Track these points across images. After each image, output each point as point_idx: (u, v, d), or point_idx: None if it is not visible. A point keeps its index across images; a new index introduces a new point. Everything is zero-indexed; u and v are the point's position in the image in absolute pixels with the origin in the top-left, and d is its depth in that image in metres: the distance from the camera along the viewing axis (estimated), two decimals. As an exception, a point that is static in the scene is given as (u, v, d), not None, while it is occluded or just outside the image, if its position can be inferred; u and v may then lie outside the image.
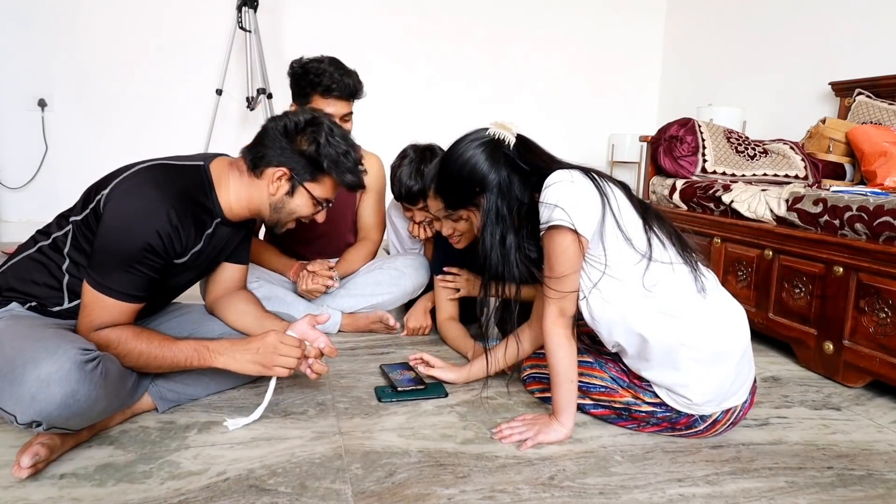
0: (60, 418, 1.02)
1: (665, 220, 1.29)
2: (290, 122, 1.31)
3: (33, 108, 3.43)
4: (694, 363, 1.19)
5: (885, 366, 1.53)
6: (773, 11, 3.40)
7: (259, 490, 1.06)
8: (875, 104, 2.54)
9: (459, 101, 3.97)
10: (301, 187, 1.33)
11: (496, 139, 1.28)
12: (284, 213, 1.36)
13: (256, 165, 1.31)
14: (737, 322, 1.25)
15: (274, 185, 1.31)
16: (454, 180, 1.32)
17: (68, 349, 1.02)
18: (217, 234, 1.35)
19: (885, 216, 1.55)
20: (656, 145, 2.54)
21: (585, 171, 1.25)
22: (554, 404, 1.28)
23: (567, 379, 1.25)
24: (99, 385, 1.05)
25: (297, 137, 1.31)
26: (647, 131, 3.52)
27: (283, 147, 1.30)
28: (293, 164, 1.31)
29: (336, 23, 3.78)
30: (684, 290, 1.22)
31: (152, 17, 3.50)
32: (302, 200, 1.35)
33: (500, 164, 1.26)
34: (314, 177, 1.33)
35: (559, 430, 1.27)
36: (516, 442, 1.26)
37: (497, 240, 1.25)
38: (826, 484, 1.15)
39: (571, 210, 1.16)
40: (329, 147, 1.31)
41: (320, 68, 1.81)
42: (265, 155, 1.30)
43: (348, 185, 1.36)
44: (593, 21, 4.23)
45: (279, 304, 1.86)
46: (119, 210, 1.17)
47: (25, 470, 1.05)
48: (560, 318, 1.24)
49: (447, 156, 1.34)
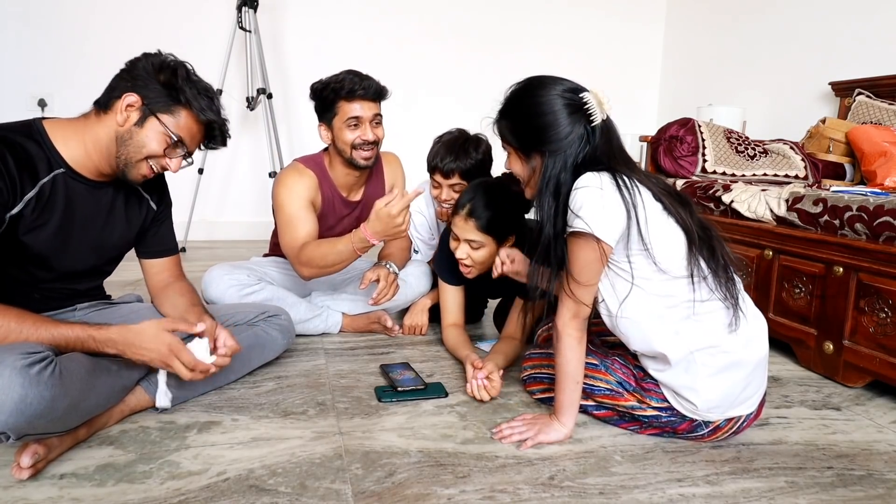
0: (20, 425, 0.99)
1: (717, 246, 1.20)
2: (151, 59, 1.23)
3: (33, 108, 3.43)
4: (705, 368, 1.18)
5: (885, 366, 1.53)
6: (773, 12, 3.40)
7: (259, 490, 1.06)
8: (875, 104, 2.54)
9: (459, 101, 3.97)
10: (153, 117, 1.21)
11: (586, 109, 1.17)
12: (132, 146, 1.21)
13: (107, 101, 1.21)
14: (756, 334, 1.23)
15: (122, 115, 1.20)
16: (524, 119, 1.21)
17: (6, 357, 0.98)
18: (64, 187, 1.22)
19: (885, 216, 1.55)
20: (656, 145, 2.54)
21: (618, 177, 1.15)
22: (556, 404, 1.28)
23: (573, 380, 1.25)
24: (52, 385, 1.00)
25: (155, 73, 1.22)
26: (647, 131, 3.52)
27: (136, 76, 1.21)
28: (146, 93, 1.20)
29: (336, 23, 3.78)
30: (714, 316, 1.18)
31: (152, 16, 3.50)
32: (152, 133, 1.21)
33: (577, 138, 1.17)
34: (169, 108, 1.21)
35: (560, 430, 1.26)
36: (516, 442, 1.26)
37: (553, 214, 1.17)
38: (826, 484, 1.15)
39: (595, 218, 1.12)
40: (189, 82, 1.23)
41: (339, 77, 1.80)
42: (116, 86, 1.21)
43: (208, 121, 1.26)
44: (593, 21, 4.23)
45: (280, 304, 1.85)
46: None
47: (26, 470, 1.05)
48: (574, 319, 1.21)
49: (530, 88, 1.22)
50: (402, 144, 2.10)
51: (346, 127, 1.81)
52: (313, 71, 1.78)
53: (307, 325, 1.91)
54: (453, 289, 1.82)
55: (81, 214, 1.28)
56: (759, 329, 1.24)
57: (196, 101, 1.23)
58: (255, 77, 3.30)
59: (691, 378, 1.19)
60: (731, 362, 1.19)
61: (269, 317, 1.62)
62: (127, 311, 1.43)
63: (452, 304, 1.83)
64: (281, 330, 1.63)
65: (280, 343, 1.63)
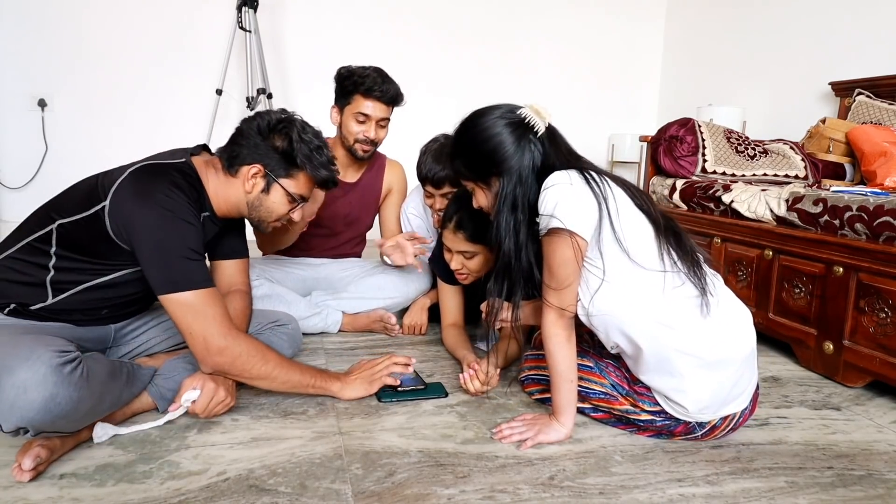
0: (45, 423, 1.01)
1: (681, 233, 1.24)
2: (262, 120, 1.34)
3: (33, 108, 3.43)
4: (690, 369, 1.17)
5: (885, 366, 1.53)
6: (773, 11, 3.40)
7: (259, 490, 1.06)
8: (875, 104, 2.54)
9: (459, 101, 3.96)
10: (276, 184, 1.35)
11: (526, 123, 1.22)
12: (263, 210, 1.38)
13: (232, 164, 1.33)
14: (739, 329, 1.22)
15: (249, 182, 1.34)
16: (473, 151, 1.25)
17: (42, 353, 1.00)
18: (205, 229, 1.35)
19: (885, 216, 1.55)
20: (656, 145, 2.54)
21: (585, 173, 1.20)
22: (554, 404, 1.28)
23: (566, 379, 1.25)
24: (80, 386, 1.04)
25: (270, 135, 1.34)
26: (647, 131, 3.52)
27: (256, 144, 1.33)
28: (267, 161, 1.33)
29: (336, 23, 3.78)
30: (685, 303, 1.18)
31: (152, 16, 3.50)
32: (278, 197, 1.37)
33: (525, 151, 1.21)
34: (288, 173, 1.36)
35: (559, 431, 1.26)
36: (516, 442, 1.26)
37: (511, 228, 1.21)
38: (826, 484, 1.15)
39: (568, 213, 1.14)
40: (302, 143, 1.34)
41: (365, 72, 1.89)
42: (240, 153, 1.33)
43: (322, 179, 1.39)
44: (593, 21, 4.23)
45: (279, 302, 1.86)
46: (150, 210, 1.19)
47: (27, 473, 1.05)
48: (559, 319, 1.22)
49: (470, 122, 1.26)
50: (402, 143, 2.10)
51: (354, 119, 1.92)
52: (313, 71, 1.79)
53: (306, 322, 1.90)
54: (452, 288, 1.82)
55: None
56: (742, 323, 1.23)
57: (310, 163, 1.36)
58: (255, 77, 3.30)
59: (677, 381, 1.18)
60: (713, 361, 1.18)
61: (277, 325, 1.62)
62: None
63: (451, 304, 1.83)
64: (289, 339, 1.63)
65: (287, 352, 1.63)
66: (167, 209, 1.19)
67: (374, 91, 1.88)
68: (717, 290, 1.22)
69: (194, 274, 1.21)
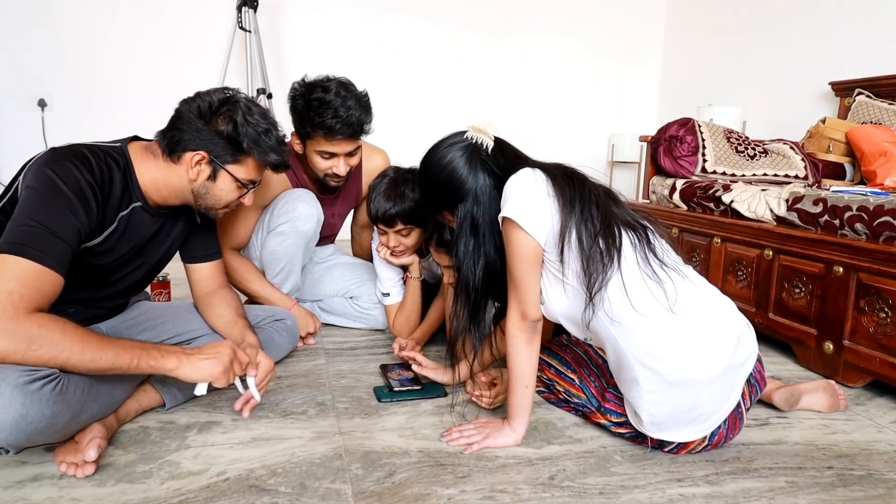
0: (20, 441, 0.97)
1: (655, 238, 1.20)
2: (203, 102, 1.25)
3: (33, 108, 3.43)
4: (646, 382, 1.13)
5: (885, 366, 1.53)
6: (773, 12, 3.40)
7: (259, 490, 1.06)
8: (875, 104, 2.54)
9: (459, 100, 3.97)
10: (223, 170, 1.27)
11: (475, 144, 1.24)
12: (210, 198, 1.30)
13: (173, 150, 1.24)
14: (710, 347, 1.13)
15: (193, 170, 1.25)
16: (433, 185, 1.28)
17: (7, 374, 0.95)
18: (138, 218, 1.27)
19: (885, 216, 1.55)
20: (656, 145, 2.54)
21: (550, 173, 1.19)
22: (508, 408, 1.26)
23: (522, 384, 1.22)
24: (53, 401, 0.99)
25: (213, 118, 1.24)
26: (647, 131, 3.52)
27: (199, 129, 1.24)
28: (212, 147, 1.24)
29: (336, 23, 3.78)
30: (647, 305, 1.12)
31: (152, 17, 3.50)
32: (226, 184, 1.29)
33: (478, 171, 1.22)
34: (235, 158, 1.27)
35: (509, 436, 1.24)
36: (464, 445, 1.23)
37: (470, 250, 1.22)
38: (826, 484, 1.15)
39: (525, 210, 1.13)
40: (248, 126, 1.25)
41: (326, 100, 1.64)
42: (181, 139, 1.24)
43: (272, 164, 1.30)
44: (594, 21, 4.23)
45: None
46: (41, 175, 1.11)
47: (90, 465, 1.08)
48: (522, 321, 1.19)
49: (426, 160, 1.29)
50: (401, 143, 2.10)
51: (319, 156, 1.75)
52: (313, 71, 1.76)
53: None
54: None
55: (145, 240, 1.33)
56: (713, 342, 1.14)
57: (258, 147, 1.27)
58: (255, 77, 3.30)
59: (633, 392, 1.16)
60: (673, 379, 1.12)
61: (275, 320, 1.63)
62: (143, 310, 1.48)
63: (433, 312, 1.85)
64: (286, 333, 1.64)
65: (285, 347, 1.65)
66: (60, 178, 1.10)
67: (335, 133, 1.66)
68: (689, 301, 1.14)
69: (32, 242, 1.03)
